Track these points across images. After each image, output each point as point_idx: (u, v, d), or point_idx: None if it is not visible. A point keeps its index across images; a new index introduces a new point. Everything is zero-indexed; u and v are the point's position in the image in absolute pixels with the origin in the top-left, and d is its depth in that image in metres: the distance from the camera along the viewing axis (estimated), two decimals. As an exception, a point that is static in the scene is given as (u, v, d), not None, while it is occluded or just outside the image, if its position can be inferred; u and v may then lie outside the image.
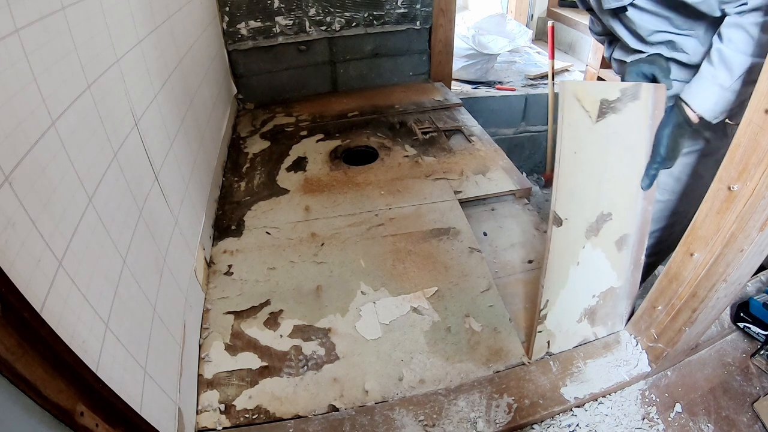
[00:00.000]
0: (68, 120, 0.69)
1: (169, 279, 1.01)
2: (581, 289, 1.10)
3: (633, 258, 1.11)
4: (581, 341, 1.14)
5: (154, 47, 1.16)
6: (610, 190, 1.05)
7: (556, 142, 1.11)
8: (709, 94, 0.95)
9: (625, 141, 1.03)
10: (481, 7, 3.89)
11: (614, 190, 1.06)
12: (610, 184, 1.05)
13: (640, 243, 1.11)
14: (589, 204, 1.05)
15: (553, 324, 1.10)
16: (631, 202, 1.06)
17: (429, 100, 2.34)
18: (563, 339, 1.12)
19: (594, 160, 1.02)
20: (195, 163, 1.40)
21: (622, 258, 1.10)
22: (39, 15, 0.65)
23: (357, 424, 0.96)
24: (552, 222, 1.03)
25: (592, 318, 1.13)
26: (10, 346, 0.47)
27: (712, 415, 1.02)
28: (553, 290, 1.08)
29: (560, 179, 1.00)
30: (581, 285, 1.09)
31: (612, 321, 1.15)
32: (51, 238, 0.60)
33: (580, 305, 1.11)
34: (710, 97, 0.96)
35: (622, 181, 1.05)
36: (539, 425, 0.98)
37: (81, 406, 0.57)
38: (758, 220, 0.75)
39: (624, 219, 1.08)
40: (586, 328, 1.14)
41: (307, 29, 2.26)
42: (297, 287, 1.29)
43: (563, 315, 1.10)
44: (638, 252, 1.11)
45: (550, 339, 1.11)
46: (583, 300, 1.11)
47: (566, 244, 1.05)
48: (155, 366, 0.83)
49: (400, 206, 1.58)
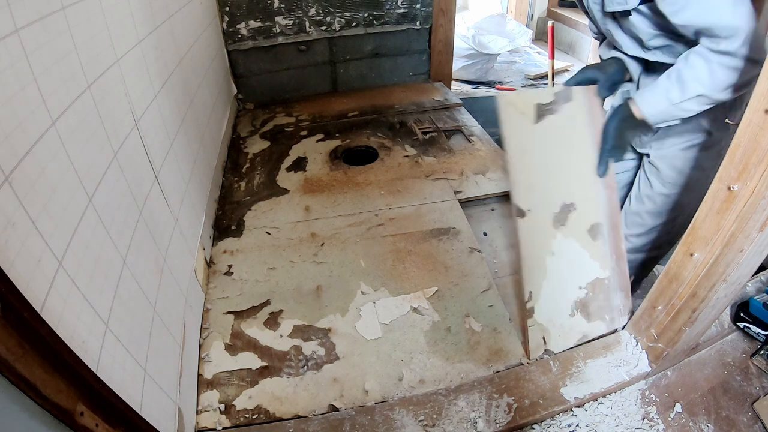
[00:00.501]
0: (68, 120, 0.69)
1: (169, 279, 1.01)
2: (565, 279, 1.14)
3: (612, 248, 1.15)
4: (580, 338, 1.13)
5: (154, 47, 1.16)
6: (567, 181, 1.15)
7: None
8: (658, 103, 1.06)
9: (567, 136, 1.15)
10: (481, 7, 3.89)
11: (571, 181, 1.15)
12: (565, 176, 1.15)
13: (614, 232, 1.15)
14: (548, 195, 1.14)
15: (544, 318, 1.12)
16: (591, 191, 1.15)
17: (429, 100, 2.34)
18: (560, 335, 1.12)
19: (542, 155, 1.14)
20: (195, 163, 1.41)
21: (599, 247, 1.15)
22: (39, 15, 0.65)
23: (357, 424, 0.96)
24: (515, 215, 1.12)
25: (585, 311, 1.14)
26: (10, 346, 0.47)
27: (712, 415, 1.02)
28: (535, 282, 1.12)
29: (515, 176, 1.12)
30: (563, 275, 1.13)
31: (610, 315, 1.15)
32: (51, 238, 0.60)
33: (568, 297, 1.13)
34: (657, 106, 1.06)
35: (577, 172, 1.15)
36: (539, 425, 0.98)
37: (81, 406, 0.57)
38: (758, 220, 0.75)
39: (589, 208, 1.15)
40: (581, 323, 1.14)
41: (307, 29, 2.26)
42: (297, 287, 1.29)
43: (553, 308, 1.13)
44: (616, 242, 1.15)
45: (545, 335, 1.12)
46: (570, 292, 1.13)
47: (536, 234, 1.13)
48: (155, 366, 0.83)
49: (400, 206, 1.58)
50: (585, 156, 1.15)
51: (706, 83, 0.99)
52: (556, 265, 1.13)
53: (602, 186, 1.15)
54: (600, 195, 1.16)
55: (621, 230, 1.17)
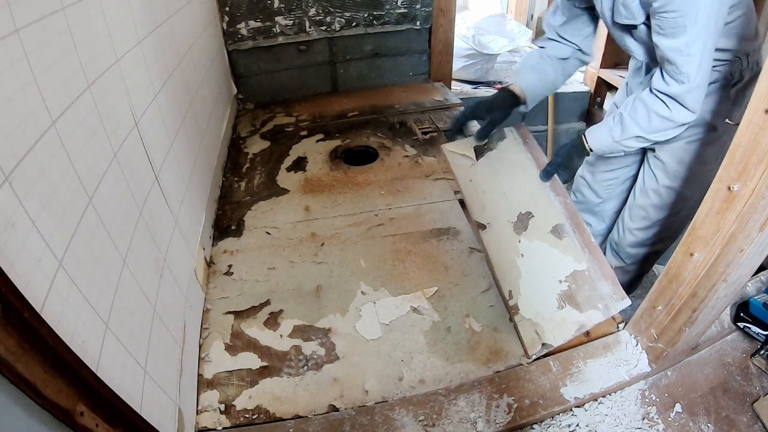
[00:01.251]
0: (68, 120, 0.69)
1: (169, 279, 1.01)
2: (541, 275, 1.20)
3: (581, 243, 1.21)
4: (578, 328, 1.13)
5: (154, 47, 1.16)
6: (518, 197, 1.31)
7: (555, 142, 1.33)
8: (602, 139, 1.23)
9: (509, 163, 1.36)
10: (481, 7, 3.89)
11: (522, 196, 1.31)
12: (515, 194, 1.32)
13: (580, 229, 1.23)
14: (502, 210, 1.30)
15: (531, 313, 1.16)
16: (544, 200, 1.28)
17: (429, 100, 2.34)
18: (554, 328, 1.13)
19: (488, 181, 1.35)
20: (195, 163, 1.41)
21: (567, 244, 1.22)
22: (39, 15, 0.65)
23: (357, 424, 0.96)
24: (477, 229, 1.31)
25: (574, 302, 1.15)
26: (10, 346, 0.47)
27: (712, 415, 1.02)
28: (510, 281, 1.21)
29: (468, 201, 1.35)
30: (538, 272, 1.21)
31: (602, 303, 1.15)
32: (51, 238, 0.60)
33: (550, 291, 1.17)
34: (601, 141, 1.23)
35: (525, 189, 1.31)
36: (539, 425, 0.98)
37: (81, 406, 0.57)
38: (758, 220, 0.75)
39: (546, 213, 1.27)
40: (573, 313, 1.14)
41: (307, 29, 2.26)
42: (297, 287, 1.29)
43: (537, 303, 1.17)
44: (585, 237, 1.22)
45: (537, 329, 1.13)
46: (550, 286, 1.18)
47: (500, 241, 1.27)
48: (155, 366, 0.83)
49: (400, 206, 1.58)
50: (530, 175, 1.32)
51: (644, 127, 1.15)
52: (528, 264, 1.22)
53: (552, 194, 1.28)
54: (553, 201, 1.27)
55: (586, 227, 1.23)
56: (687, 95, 1.08)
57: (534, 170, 1.32)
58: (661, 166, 1.38)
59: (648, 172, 1.43)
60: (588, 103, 2.94)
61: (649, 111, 1.13)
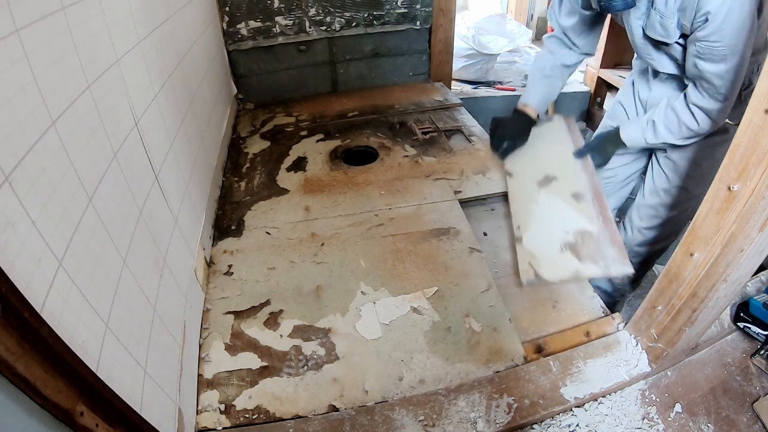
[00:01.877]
0: (68, 120, 0.69)
1: (169, 279, 1.01)
2: (550, 222, 1.35)
3: (599, 212, 1.34)
4: (574, 274, 1.22)
5: (154, 47, 1.16)
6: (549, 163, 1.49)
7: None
8: (635, 137, 1.39)
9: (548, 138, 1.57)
10: (481, 7, 3.89)
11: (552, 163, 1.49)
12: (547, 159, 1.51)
13: (599, 201, 1.36)
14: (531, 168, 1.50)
15: (532, 246, 1.29)
16: (571, 171, 1.44)
17: (429, 100, 2.34)
18: (550, 265, 1.24)
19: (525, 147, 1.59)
20: (195, 163, 1.41)
21: (584, 207, 1.35)
22: (39, 15, 0.65)
23: (357, 424, 0.96)
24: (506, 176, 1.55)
25: (576, 252, 1.27)
26: (10, 346, 0.47)
27: (712, 415, 1.02)
28: (522, 218, 1.37)
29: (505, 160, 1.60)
30: (549, 219, 1.36)
31: (604, 262, 1.24)
32: (51, 238, 0.60)
33: (555, 238, 1.31)
34: (634, 138, 1.39)
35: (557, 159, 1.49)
36: (539, 425, 0.98)
37: (81, 406, 0.57)
38: (758, 220, 0.75)
39: (571, 181, 1.42)
40: (572, 260, 1.25)
41: (307, 29, 2.26)
42: (297, 287, 1.29)
43: (540, 242, 1.31)
44: (603, 209, 1.33)
45: (532, 260, 1.25)
46: (556, 233, 1.32)
47: (522, 188, 1.46)
48: (155, 366, 0.83)
49: (400, 206, 1.58)
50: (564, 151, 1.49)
51: (675, 134, 1.27)
52: (542, 210, 1.38)
53: (582, 169, 1.44)
54: (580, 174, 1.43)
55: (607, 205, 1.36)
56: (719, 111, 1.18)
57: (569, 148, 1.49)
58: (672, 167, 1.42)
59: (659, 173, 1.47)
60: (588, 103, 2.94)
61: (680, 122, 1.24)
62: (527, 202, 1.39)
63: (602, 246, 1.25)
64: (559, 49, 1.49)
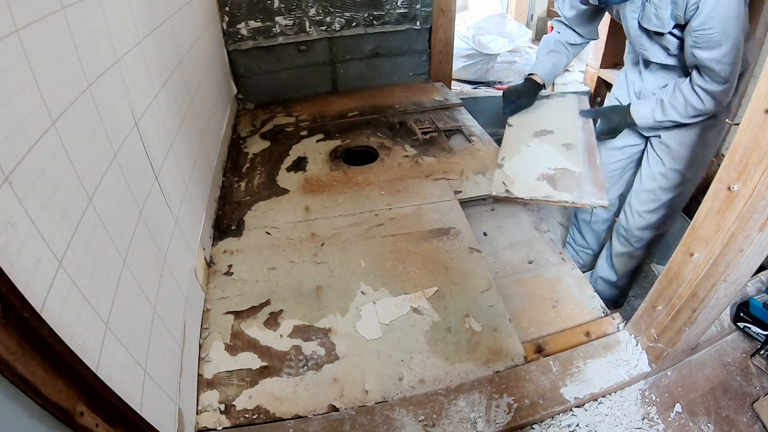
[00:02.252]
0: (68, 120, 0.69)
1: (169, 279, 1.01)
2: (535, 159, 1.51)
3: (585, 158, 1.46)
4: (544, 196, 1.41)
5: (154, 47, 1.16)
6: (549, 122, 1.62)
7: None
8: (645, 116, 1.47)
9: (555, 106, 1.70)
10: (481, 7, 3.89)
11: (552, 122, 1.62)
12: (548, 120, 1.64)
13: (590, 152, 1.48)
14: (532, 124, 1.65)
15: (510, 171, 1.49)
16: (570, 129, 1.56)
17: (429, 100, 2.34)
18: (521, 186, 1.44)
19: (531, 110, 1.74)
20: (195, 163, 1.41)
21: (571, 155, 1.49)
22: (39, 15, 0.65)
23: (357, 424, 0.96)
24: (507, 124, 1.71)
25: (552, 183, 1.43)
26: (10, 346, 0.47)
27: (712, 415, 1.02)
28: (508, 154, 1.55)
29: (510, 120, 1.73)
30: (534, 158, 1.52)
31: (578, 192, 1.39)
32: (51, 238, 0.60)
33: (536, 170, 1.47)
34: (644, 117, 1.48)
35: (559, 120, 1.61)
36: (539, 425, 0.98)
37: (81, 406, 0.57)
38: (758, 220, 0.75)
39: (565, 134, 1.56)
40: (546, 187, 1.42)
41: (307, 29, 2.26)
42: (297, 287, 1.29)
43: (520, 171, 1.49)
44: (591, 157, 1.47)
45: (506, 181, 1.45)
46: (538, 168, 1.47)
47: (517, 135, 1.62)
48: (155, 366, 0.83)
49: (400, 206, 1.58)
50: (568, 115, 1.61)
51: (681, 112, 1.36)
52: (529, 153, 1.54)
53: (581, 129, 1.56)
54: (578, 131, 1.55)
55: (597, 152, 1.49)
56: (722, 93, 1.28)
57: (574, 116, 1.60)
58: (667, 151, 1.53)
59: (654, 158, 1.58)
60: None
61: (686, 102, 1.33)
62: (518, 144, 1.55)
63: (581, 182, 1.39)
64: (564, 30, 1.65)
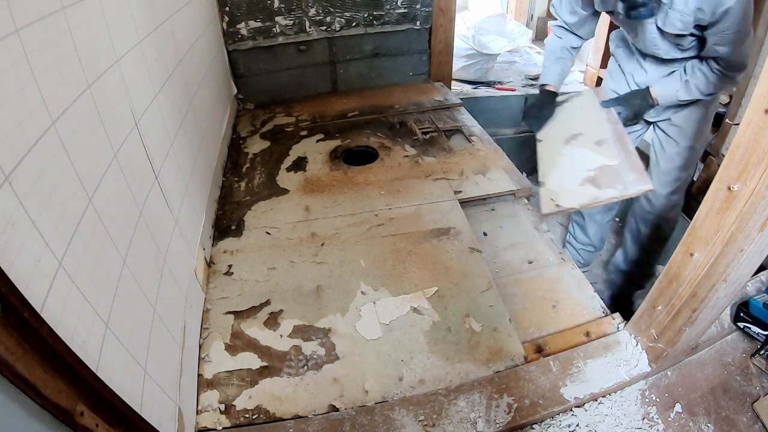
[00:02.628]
0: (68, 120, 0.69)
1: (169, 279, 1.01)
2: (574, 167, 1.50)
3: (619, 149, 1.45)
4: (593, 198, 1.40)
5: (154, 47, 1.16)
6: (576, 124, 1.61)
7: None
8: (668, 95, 1.54)
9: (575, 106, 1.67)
10: (481, 7, 3.89)
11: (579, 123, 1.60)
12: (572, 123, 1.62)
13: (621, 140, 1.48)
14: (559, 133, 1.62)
15: (553, 185, 1.47)
16: (596, 123, 1.55)
17: (429, 100, 2.34)
18: (569, 196, 1.43)
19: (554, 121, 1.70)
20: (195, 163, 1.40)
21: (604, 150, 1.48)
22: (39, 15, 0.65)
23: (357, 424, 0.96)
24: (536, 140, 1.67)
25: (595, 183, 1.42)
26: (10, 346, 0.47)
27: (712, 415, 1.02)
28: (546, 170, 1.53)
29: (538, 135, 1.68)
30: (572, 164, 1.51)
31: (623, 185, 1.40)
32: (51, 238, 0.60)
33: (577, 176, 1.47)
34: (667, 97, 1.54)
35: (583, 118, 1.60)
36: (539, 425, 0.98)
37: (81, 406, 0.57)
38: (758, 220, 0.75)
39: (594, 131, 1.55)
40: (591, 189, 1.42)
41: (307, 29, 2.26)
42: (297, 287, 1.29)
43: (563, 181, 1.48)
44: (623, 145, 1.47)
45: (554, 197, 1.43)
46: (578, 173, 1.47)
47: (548, 149, 1.60)
48: (155, 366, 0.83)
49: (400, 206, 1.58)
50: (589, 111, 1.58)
51: (703, 90, 1.47)
52: (565, 161, 1.53)
53: (605, 120, 1.54)
54: (604, 124, 1.53)
55: (627, 138, 1.50)
56: (742, 75, 1.44)
57: (596, 109, 1.59)
58: (678, 131, 1.66)
59: (666, 140, 1.70)
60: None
61: (708, 82, 1.45)
62: (553, 157, 1.53)
63: (621, 173, 1.38)
64: (565, 34, 1.71)
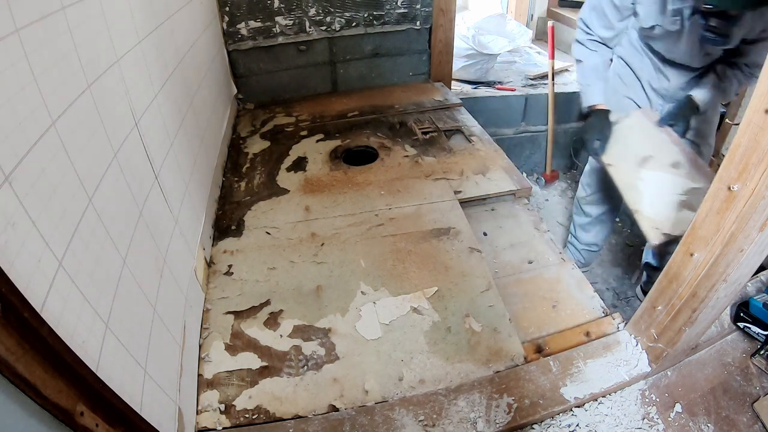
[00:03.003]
0: (68, 120, 0.69)
1: (169, 279, 1.01)
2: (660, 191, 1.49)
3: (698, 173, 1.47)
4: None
5: (154, 47, 1.16)
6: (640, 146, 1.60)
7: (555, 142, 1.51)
8: (708, 101, 1.62)
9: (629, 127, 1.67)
10: (481, 7, 3.89)
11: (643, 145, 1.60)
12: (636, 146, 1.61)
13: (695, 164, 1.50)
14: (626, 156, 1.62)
15: (650, 213, 1.46)
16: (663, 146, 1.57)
17: (429, 100, 2.34)
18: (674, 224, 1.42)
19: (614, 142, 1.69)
20: (195, 163, 1.40)
21: (683, 173, 1.49)
22: (39, 15, 0.65)
23: (357, 424, 0.96)
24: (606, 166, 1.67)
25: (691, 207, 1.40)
26: (10, 346, 0.47)
27: (712, 415, 1.02)
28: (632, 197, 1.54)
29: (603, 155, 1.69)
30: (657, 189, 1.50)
31: None
32: (51, 238, 0.60)
33: (670, 201, 1.46)
34: (707, 103, 1.62)
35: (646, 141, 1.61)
36: (539, 425, 0.98)
37: (81, 406, 0.57)
38: (758, 220, 0.75)
39: (664, 154, 1.55)
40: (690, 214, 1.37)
41: (307, 29, 2.26)
42: (297, 287, 1.29)
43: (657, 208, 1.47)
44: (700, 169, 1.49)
45: (657, 225, 1.43)
46: (670, 198, 1.47)
47: (623, 173, 1.59)
48: (155, 366, 0.83)
49: (400, 206, 1.58)
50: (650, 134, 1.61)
51: (735, 91, 1.64)
52: (648, 185, 1.52)
53: (668, 140, 1.57)
54: (670, 146, 1.56)
55: (700, 162, 1.53)
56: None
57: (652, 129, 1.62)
58: (697, 133, 1.74)
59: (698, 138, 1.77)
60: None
61: (740, 83, 1.60)
62: (633, 182, 1.54)
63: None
64: (600, 47, 1.74)
